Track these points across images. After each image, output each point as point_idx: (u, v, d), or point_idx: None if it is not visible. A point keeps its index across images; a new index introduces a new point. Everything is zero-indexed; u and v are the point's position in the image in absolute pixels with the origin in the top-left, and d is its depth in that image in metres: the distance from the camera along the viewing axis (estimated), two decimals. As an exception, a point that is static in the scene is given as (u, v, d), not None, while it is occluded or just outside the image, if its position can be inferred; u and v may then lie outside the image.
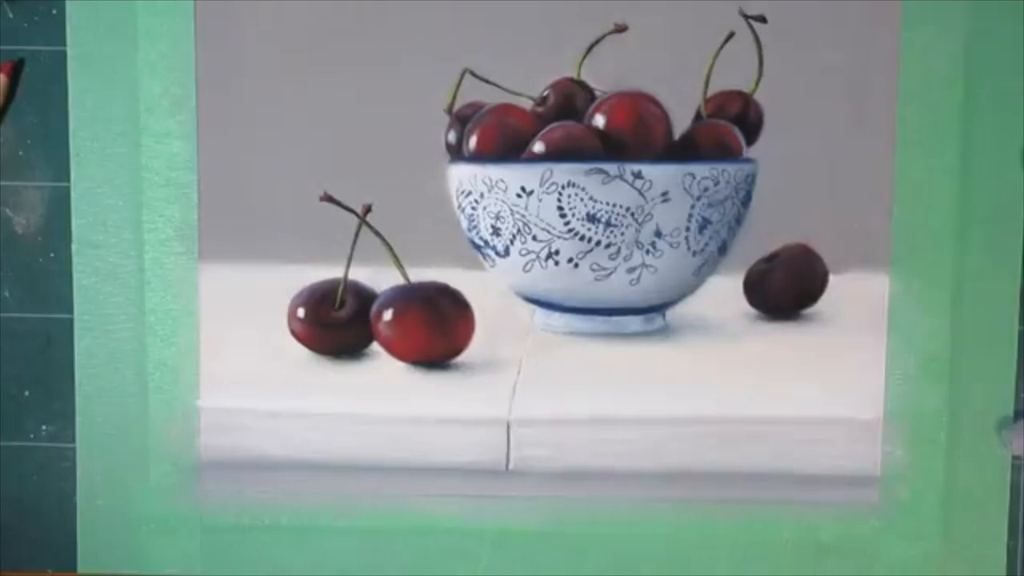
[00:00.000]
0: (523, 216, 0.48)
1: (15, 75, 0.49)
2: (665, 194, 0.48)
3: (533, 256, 0.49)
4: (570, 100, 0.49)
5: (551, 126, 0.49)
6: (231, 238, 0.50)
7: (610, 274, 0.49)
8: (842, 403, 0.49)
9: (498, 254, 0.49)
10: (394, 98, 0.49)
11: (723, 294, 0.50)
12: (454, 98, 0.49)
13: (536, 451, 0.50)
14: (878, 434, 0.49)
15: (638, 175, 0.47)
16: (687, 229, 0.48)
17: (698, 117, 0.49)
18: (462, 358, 0.50)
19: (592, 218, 0.48)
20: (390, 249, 0.50)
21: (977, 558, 0.50)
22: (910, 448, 0.49)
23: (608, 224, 0.48)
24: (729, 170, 0.49)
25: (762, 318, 0.51)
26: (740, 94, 0.49)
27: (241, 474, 0.50)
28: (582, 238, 0.48)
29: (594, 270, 0.49)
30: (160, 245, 0.50)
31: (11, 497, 0.51)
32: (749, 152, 0.49)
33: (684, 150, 0.49)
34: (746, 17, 0.48)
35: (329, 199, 0.49)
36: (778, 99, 0.49)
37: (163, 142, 0.49)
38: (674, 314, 0.51)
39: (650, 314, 0.51)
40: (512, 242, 0.49)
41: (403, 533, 0.50)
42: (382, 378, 0.50)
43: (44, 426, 0.51)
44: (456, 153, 0.50)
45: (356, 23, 0.49)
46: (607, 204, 0.48)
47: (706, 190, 0.48)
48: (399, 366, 0.50)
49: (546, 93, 0.49)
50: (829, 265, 0.49)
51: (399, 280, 0.50)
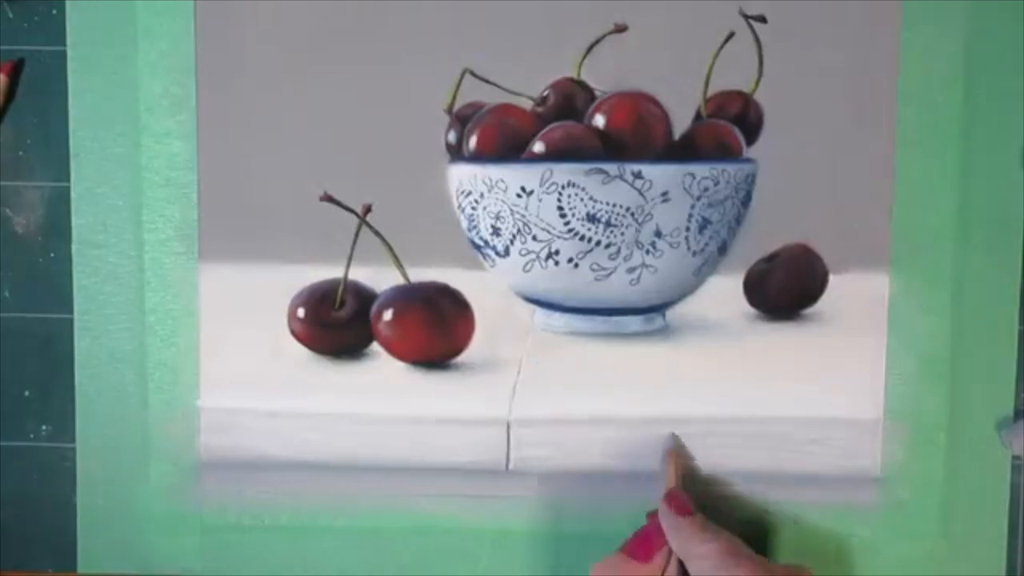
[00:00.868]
0: (523, 216, 0.48)
1: (15, 75, 0.49)
2: (665, 194, 0.48)
3: (533, 256, 0.49)
4: (570, 100, 0.49)
5: (551, 126, 0.49)
6: (231, 238, 0.50)
7: (610, 274, 0.49)
8: (842, 403, 0.49)
9: (498, 254, 0.49)
10: (394, 98, 0.49)
11: (723, 294, 0.50)
12: (454, 98, 0.49)
13: (536, 451, 0.50)
14: (878, 434, 0.49)
15: (638, 175, 0.47)
16: (687, 229, 0.48)
17: (698, 117, 0.49)
18: (462, 358, 0.50)
19: (592, 218, 0.48)
20: (390, 249, 0.50)
21: (977, 558, 0.50)
22: (910, 448, 0.49)
23: (608, 224, 0.48)
24: (729, 170, 0.49)
25: (762, 318, 0.51)
26: (740, 94, 0.49)
27: (241, 474, 0.50)
28: (582, 238, 0.48)
29: (594, 270, 0.49)
30: (160, 245, 0.50)
31: (11, 497, 0.51)
32: (749, 152, 0.49)
33: (684, 150, 0.49)
34: (746, 17, 0.48)
35: (329, 199, 0.49)
36: (778, 99, 0.49)
37: (163, 142, 0.49)
38: (674, 314, 0.51)
39: (650, 314, 0.51)
40: (512, 242, 0.49)
41: (403, 533, 0.50)
42: (382, 378, 0.50)
43: (44, 426, 0.51)
44: (456, 153, 0.50)
45: (356, 23, 0.49)
46: (607, 204, 0.48)
47: (706, 190, 0.48)
48: (399, 366, 0.50)
49: (546, 93, 0.49)
50: (829, 265, 0.49)
51: (399, 280, 0.50)
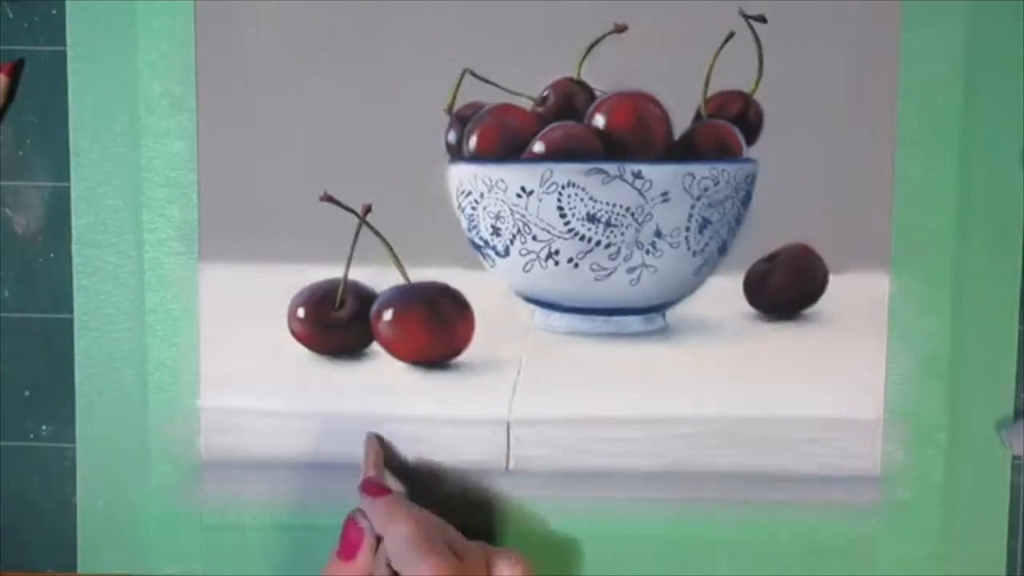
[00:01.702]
0: (523, 216, 0.48)
1: (15, 75, 0.49)
2: (665, 194, 0.48)
3: (533, 256, 0.49)
4: (570, 100, 0.49)
5: (551, 126, 0.49)
6: (231, 238, 0.50)
7: (610, 274, 0.49)
8: (842, 403, 0.49)
9: (498, 254, 0.49)
10: (394, 98, 0.49)
11: (723, 294, 0.50)
12: (454, 98, 0.49)
13: (536, 451, 0.50)
14: (878, 434, 0.49)
15: (638, 175, 0.47)
16: (687, 229, 0.48)
17: (698, 117, 0.49)
18: (462, 358, 0.50)
19: (592, 218, 0.48)
20: (390, 249, 0.50)
21: (977, 558, 0.50)
22: (910, 448, 0.49)
23: (608, 224, 0.48)
24: (729, 170, 0.49)
25: (762, 318, 0.51)
26: (740, 94, 0.49)
27: (241, 474, 0.50)
28: (582, 238, 0.48)
29: (594, 270, 0.49)
30: (160, 245, 0.50)
31: (11, 497, 0.51)
32: (749, 152, 0.49)
33: (684, 150, 0.49)
34: (746, 17, 0.48)
35: (329, 199, 0.49)
36: (778, 99, 0.49)
37: (163, 142, 0.49)
38: (674, 314, 0.51)
39: (650, 314, 0.51)
40: (512, 242, 0.49)
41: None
42: (382, 378, 0.50)
43: (44, 426, 0.51)
44: (456, 153, 0.50)
45: (356, 23, 0.49)
46: (607, 204, 0.48)
47: (706, 190, 0.48)
48: (399, 366, 0.50)
49: (546, 93, 0.49)
50: (829, 265, 0.49)
51: (399, 280, 0.50)
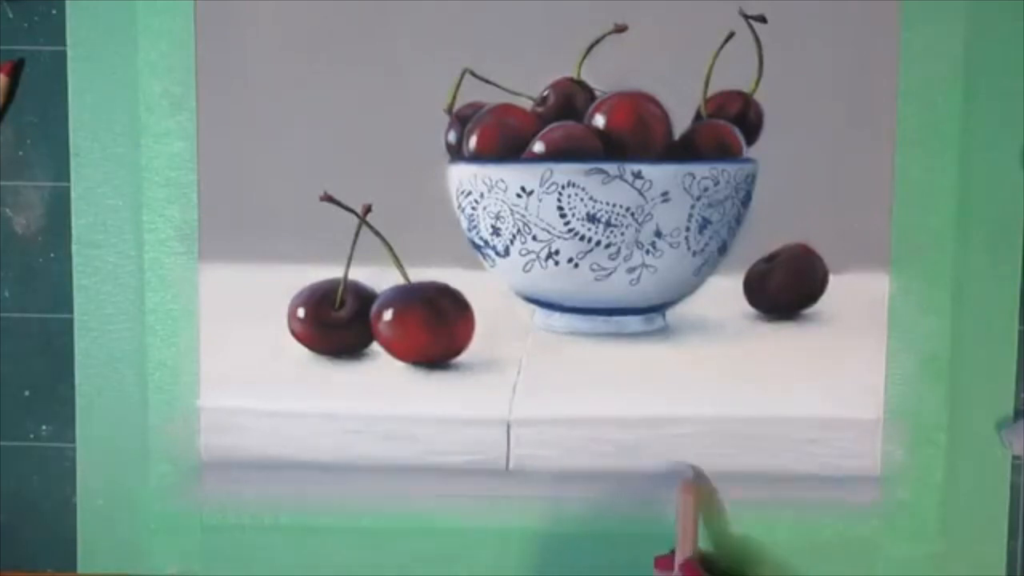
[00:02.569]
0: (523, 216, 0.48)
1: (15, 75, 0.49)
2: (665, 194, 0.48)
3: (533, 256, 0.49)
4: (570, 100, 0.49)
5: (551, 126, 0.49)
6: (231, 238, 0.50)
7: (610, 274, 0.49)
8: (842, 403, 0.49)
9: (498, 254, 0.49)
10: (394, 98, 0.49)
11: (723, 294, 0.50)
12: (454, 98, 0.49)
13: (536, 451, 0.50)
14: (878, 434, 0.49)
15: (638, 175, 0.47)
16: (687, 229, 0.48)
17: (698, 117, 0.49)
18: (462, 358, 0.50)
19: (592, 218, 0.48)
20: (390, 249, 0.50)
21: (977, 558, 0.50)
22: (910, 448, 0.49)
23: (608, 224, 0.48)
24: (729, 170, 0.49)
25: (762, 318, 0.51)
26: (740, 94, 0.49)
27: (241, 474, 0.50)
28: (582, 238, 0.48)
29: (594, 270, 0.49)
30: (160, 245, 0.50)
31: (11, 497, 0.51)
32: (749, 152, 0.49)
33: (684, 150, 0.49)
34: (746, 17, 0.48)
35: (329, 199, 0.49)
36: (778, 99, 0.49)
37: (163, 142, 0.49)
38: (674, 314, 0.51)
39: (650, 314, 0.51)
40: (512, 242, 0.49)
41: (403, 533, 0.50)
42: (382, 378, 0.50)
43: (44, 426, 0.51)
44: (456, 153, 0.50)
45: (356, 23, 0.49)
46: (607, 204, 0.48)
47: (706, 190, 0.48)
48: (399, 366, 0.50)
49: (546, 93, 0.49)
50: (829, 265, 0.49)
51: (399, 280, 0.50)
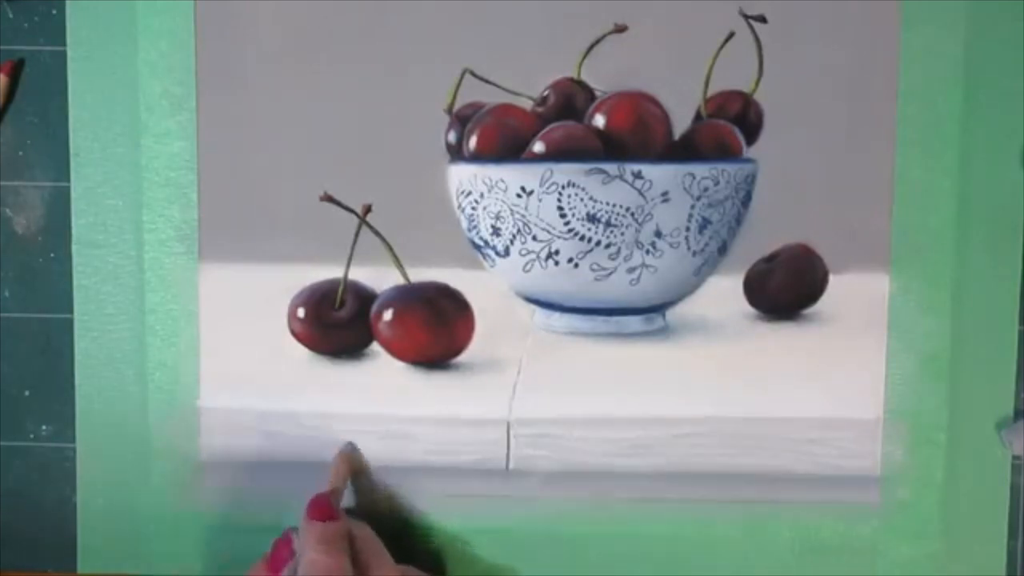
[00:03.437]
0: (523, 216, 0.48)
1: (15, 75, 0.49)
2: (665, 194, 0.48)
3: (533, 256, 0.49)
4: (570, 100, 0.49)
5: (551, 126, 0.49)
6: (231, 238, 0.50)
7: (610, 274, 0.49)
8: (842, 403, 0.49)
9: (498, 254, 0.49)
10: (394, 98, 0.49)
11: (723, 294, 0.50)
12: (454, 98, 0.49)
13: (536, 451, 0.50)
14: (878, 434, 0.49)
15: (638, 175, 0.47)
16: (687, 229, 0.48)
17: (698, 117, 0.49)
18: (462, 358, 0.50)
19: (592, 218, 0.48)
20: (390, 249, 0.50)
21: (977, 558, 0.50)
22: (910, 448, 0.49)
23: (608, 224, 0.48)
24: (729, 170, 0.49)
25: (762, 318, 0.51)
26: (740, 94, 0.49)
27: (241, 474, 0.50)
28: (582, 238, 0.48)
29: (594, 270, 0.49)
30: (160, 245, 0.50)
31: (11, 497, 0.51)
32: (749, 152, 0.49)
33: (684, 150, 0.49)
34: (746, 17, 0.48)
35: (329, 199, 0.49)
36: (778, 99, 0.49)
37: (163, 142, 0.49)
38: (674, 314, 0.51)
39: (650, 314, 0.51)
40: (512, 242, 0.49)
41: (403, 533, 0.50)
42: (382, 378, 0.50)
43: (44, 426, 0.51)
44: (456, 153, 0.50)
45: (356, 23, 0.49)
46: (607, 204, 0.48)
47: (706, 190, 0.48)
48: (399, 366, 0.50)
49: (546, 93, 0.49)
50: (829, 265, 0.49)
51: (399, 280, 0.50)
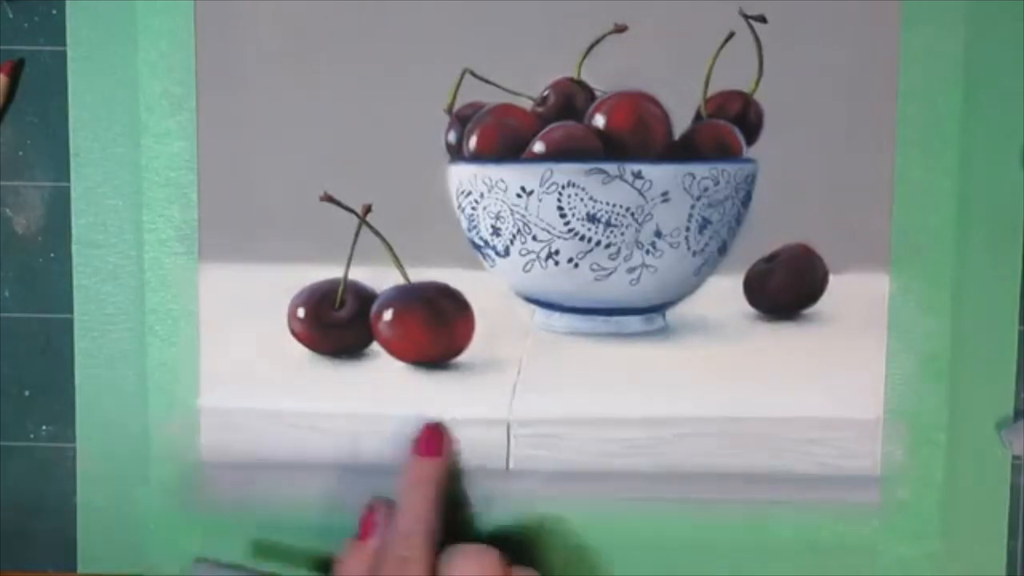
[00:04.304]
0: (523, 216, 0.48)
1: (15, 75, 0.49)
2: (665, 194, 0.48)
3: (533, 256, 0.49)
4: (570, 100, 0.49)
5: (551, 126, 0.49)
6: (231, 238, 0.50)
7: (610, 274, 0.49)
8: (842, 403, 0.49)
9: (498, 254, 0.49)
10: (394, 98, 0.49)
11: (723, 294, 0.50)
12: (454, 98, 0.49)
13: (536, 451, 0.50)
14: (878, 434, 0.49)
15: (638, 175, 0.47)
16: (687, 229, 0.48)
17: (698, 117, 0.49)
18: (462, 358, 0.50)
19: (592, 218, 0.48)
20: (390, 249, 0.50)
21: (977, 558, 0.50)
22: (910, 448, 0.49)
23: (608, 224, 0.48)
24: (729, 170, 0.49)
25: (762, 318, 0.51)
26: (740, 94, 0.49)
27: (241, 474, 0.50)
28: (582, 238, 0.48)
29: (594, 270, 0.49)
30: (160, 245, 0.50)
31: (11, 497, 0.51)
32: (749, 152, 0.49)
33: (684, 150, 0.49)
34: (746, 17, 0.48)
35: (329, 199, 0.49)
36: (778, 99, 0.49)
37: (163, 142, 0.49)
38: (674, 314, 0.51)
39: (650, 314, 0.51)
40: (512, 242, 0.49)
41: (403, 533, 0.50)
42: (382, 378, 0.50)
43: (44, 426, 0.51)
44: (456, 153, 0.50)
45: (356, 23, 0.49)
46: (607, 204, 0.48)
47: (706, 190, 0.48)
48: (399, 366, 0.50)
49: (546, 93, 0.49)
50: (829, 265, 0.49)
51: (399, 280, 0.50)
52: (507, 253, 0.49)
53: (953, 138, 0.48)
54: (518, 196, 0.48)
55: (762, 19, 0.48)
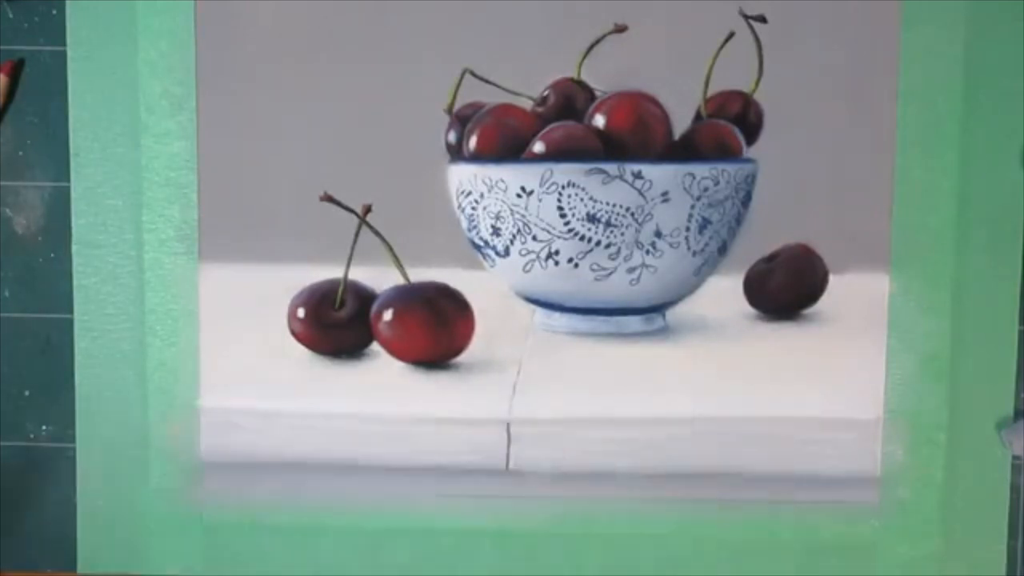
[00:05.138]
0: (523, 216, 0.48)
1: (15, 75, 0.49)
2: (665, 194, 0.48)
3: (533, 256, 0.49)
4: (570, 100, 0.49)
5: (551, 126, 0.49)
6: (231, 238, 0.50)
7: (610, 274, 0.49)
8: (842, 403, 0.49)
9: (498, 254, 0.49)
10: (394, 98, 0.49)
11: (723, 294, 0.50)
12: (454, 98, 0.49)
13: (536, 451, 0.50)
14: (878, 434, 0.49)
15: (638, 175, 0.47)
16: (687, 229, 0.48)
17: (698, 117, 0.49)
18: (462, 358, 0.50)
19: (592, 218, 0.48)
20: (390, 249, 0.50)
21: (977, 558, 0.50)
22: (910, 448, 0.49)
23: (608, 224, 0.48)
24: (729, 170, 0.49)
25: (762, 318, 0.51)
26: (740, 94, 0.49)
27: (241, 474, 0.50)
28: (582, 238, 0.48)
29: (594, 270, 0.49)
30: (160, 245, 0.50)
31: (11, 497, 0.51)
32: (749, 152, 0.49)
33: (684, 150, 0.49)
34: (746, 17, 0.48)
35: (329, 199, 0.49)
36: (778, 99, 0.49)
37: (163, 142, 0.49)
38: (674, 314, 0.51)
39: (650, 314, 0.51)
40: (512, 242, 0.49)
41: (403, 533, 0.50)
42: (382, 378, 0.50)
43: (44, 426, 0.51)
44: (456, 153, 0.50)
45: (356, 23, 0.49)
46: (607, 204, 0.48)
47: (706, 190, 0.48)
48: (399, 366, 0.50)
49: (546, 93, 0.49)
50: (829, 265, 0.49)
51: (399, 280, 0.50)
52: (507, 253, 0.49)
53: (953, 138, 0.48)
54: (518, 196, 0.48)
55: (762, 19, 0.48)
